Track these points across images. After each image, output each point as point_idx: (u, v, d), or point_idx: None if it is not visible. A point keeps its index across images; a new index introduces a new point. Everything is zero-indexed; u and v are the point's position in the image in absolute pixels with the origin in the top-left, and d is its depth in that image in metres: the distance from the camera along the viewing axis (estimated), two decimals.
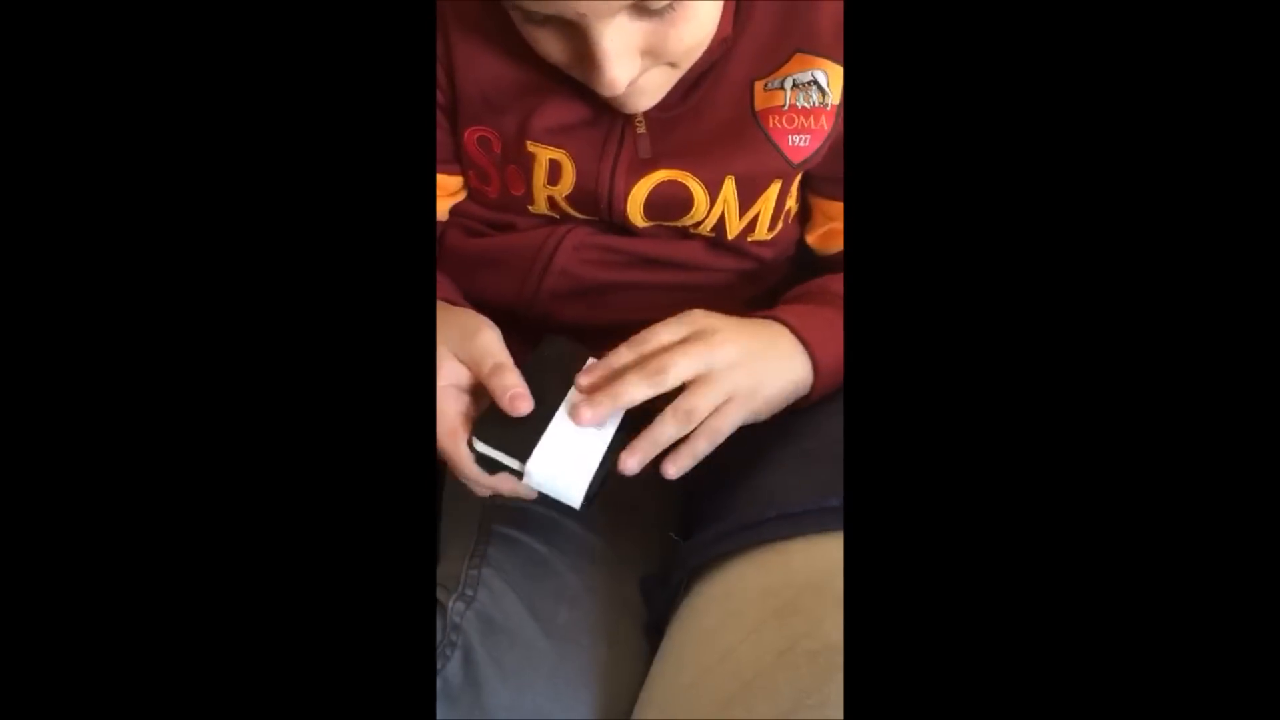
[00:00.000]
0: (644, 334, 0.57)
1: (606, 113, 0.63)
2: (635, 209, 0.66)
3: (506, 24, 0.58)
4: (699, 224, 0.67)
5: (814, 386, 0.60)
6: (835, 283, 0.67)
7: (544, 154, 0.65)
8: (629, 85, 0.55)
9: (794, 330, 0.60)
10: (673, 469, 0.56)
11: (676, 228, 0.68)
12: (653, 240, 0.69)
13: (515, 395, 0.54)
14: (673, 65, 0.58)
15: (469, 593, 0.58)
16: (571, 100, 0.63)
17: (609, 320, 0.65)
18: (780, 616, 0.47)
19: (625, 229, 0.68)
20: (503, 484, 0.56)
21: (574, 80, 0.59)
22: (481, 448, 0.55)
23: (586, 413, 0.55)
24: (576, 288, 0.70)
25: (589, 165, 0.65)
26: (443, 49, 0.64)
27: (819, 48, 0.62)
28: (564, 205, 0.67)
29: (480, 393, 0.57)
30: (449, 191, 0.71)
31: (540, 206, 0.68)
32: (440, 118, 0.66)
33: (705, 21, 0.56)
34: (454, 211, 0.72)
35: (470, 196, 0.71)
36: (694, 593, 0.54)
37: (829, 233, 0.73)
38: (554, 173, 0.66)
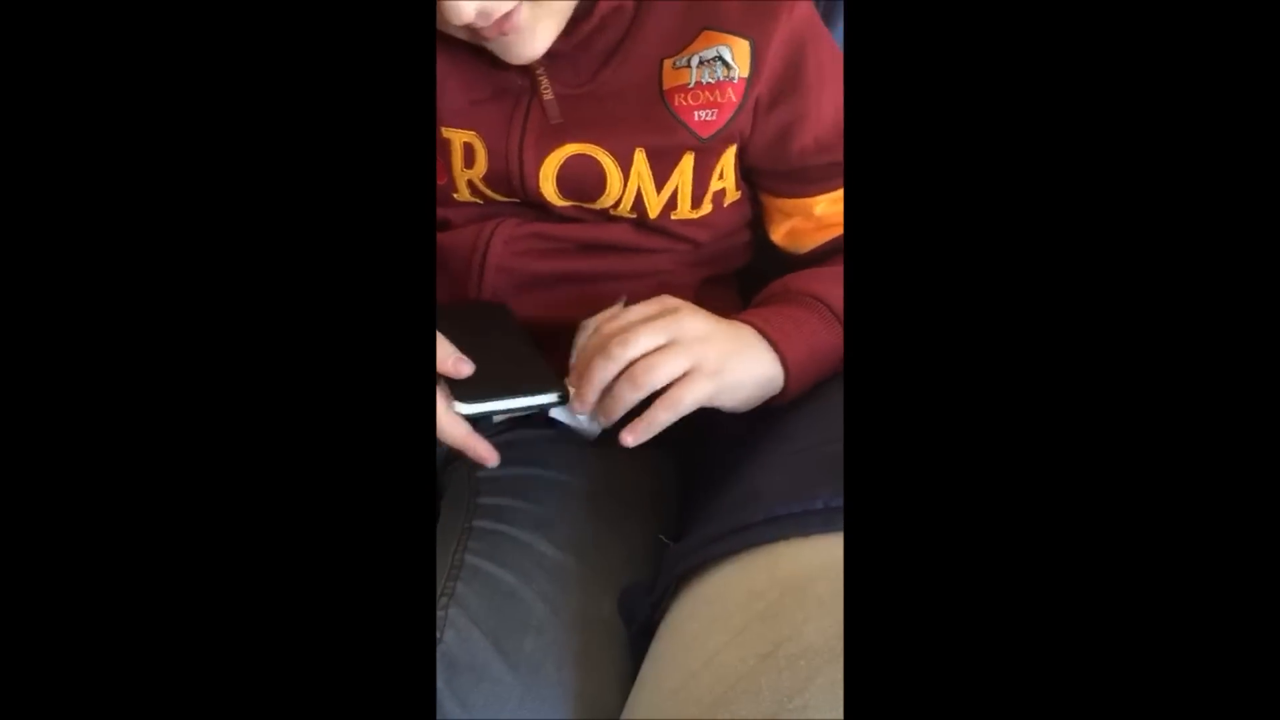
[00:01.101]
0: (610, 311, 0.60)
1: (511, 87, 0.66)
2: (548, 184, 0.67)
3: None
4: (617, 204, 0.68)
5: (786, 384, 0.61)
6: (798, 280, 0.67)
7: (457, 138, 0.67)
8: (511, 21, 0.57)
9: (759, 329, 0.61)
10: (630, 438, 0.59)
11: (597, 210, 0.69)
12: (579, 225, 0.70)
13: (456, 360, 0.58)
14: (541, 2, 0.59)
15: (435, 635, 0.58)
16: (475, 77, 0.65)
17: (562, 316, 0.67)
18: (764, 620, 0.46)
19: (547, 211, 0.69)
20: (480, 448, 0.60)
21: (478, 59, 0.63)
22: (467, 409, 0.59)
23: (576, 405, 0.59)
24: (517, 282, 0.70)
25: (498, 143, 0.66)
26: None
27: (725, 25, 0.64)
28: (482, 187, 0.69)
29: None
30: None
31: (464, 193, 0.69)
32: None
33: None
34: None
35: None
36: (681, 597, 0.54)
37: (792, 230, 0.73)
38: (468, 155, 0.67)
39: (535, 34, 0.60)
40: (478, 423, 0.61)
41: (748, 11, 0.65)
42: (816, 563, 0.47)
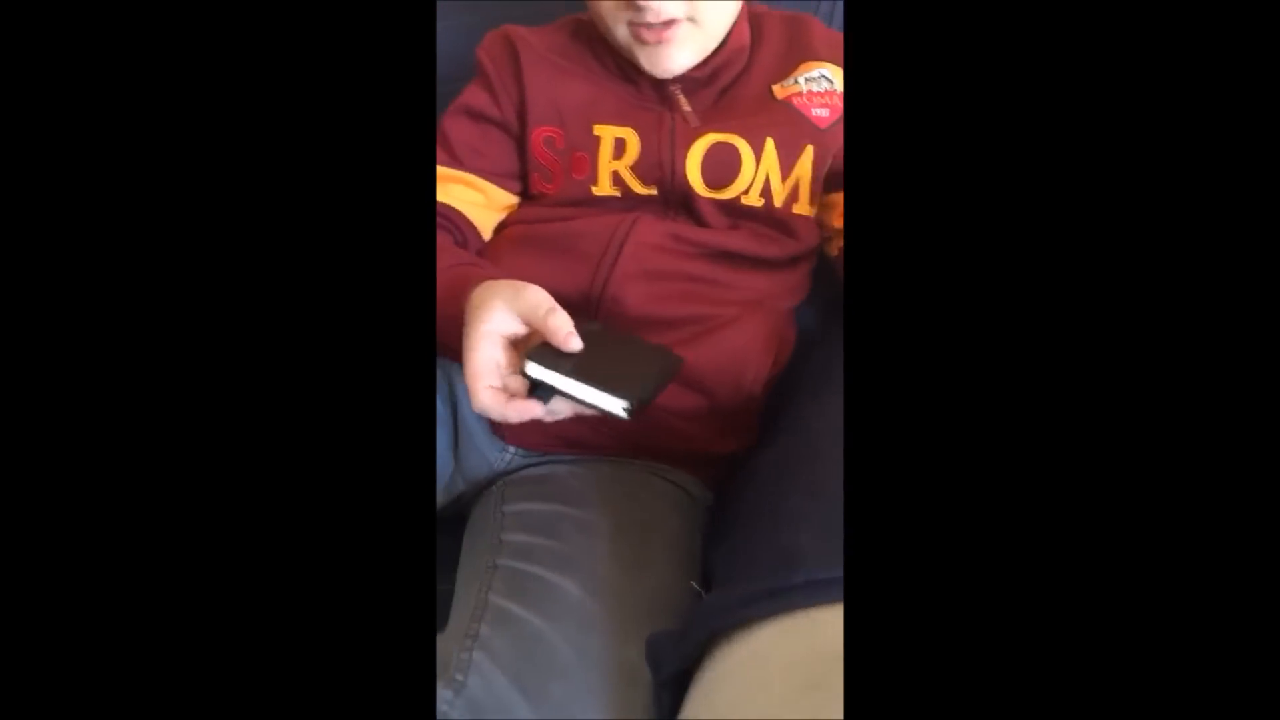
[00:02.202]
0: None
1: (655, 102, 0.78)
2: (694, 171, 0.77)
3: (572, 42, 0.80)
4: (748, 190, 0.77)
5: None
6: None
7: (609, 133, 0.77)
8: (670, 32, 0.72)
9: None
10: None
11: (730, 205, 0.77)
12: (710, 231, 0.77)
13: (569, 334, 0.60)
14: (699, 25, 0.73)
15: (459, 678, 0.58)
16: (628, 93, 0.79)
17: (676, 312, 0.73)
18: (807, 691, 0.45)
19: (687, 205, 0.77)
20: (529, 408, 0.60)
21: (627, 80, 0.78)
22: (534, 369, 0.60)
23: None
24: (645, 273, 0.74)
25: (650, 134, 0.77)
26: (511, 73, 0.79)
27: (821, 55, 0.80)
28: (628, 176, 0.77)
29: (516, 347, 0.62)
30: (501, 205, 0.81)
31: (604, 185, 0.78)
32: (499, 135, 0.80)
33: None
34: (507, 221, 0.81)
35: (527, 201, 0.81)
36: (716, 656, 0.53)
37: None
38: (618, 147, 0.77)
39: (682, 50, 0.74)
40: (535, 391, 0.61)
41: (834, 45, 0.80)
42: None
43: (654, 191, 0.78)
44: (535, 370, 0.60)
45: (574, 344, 0.60)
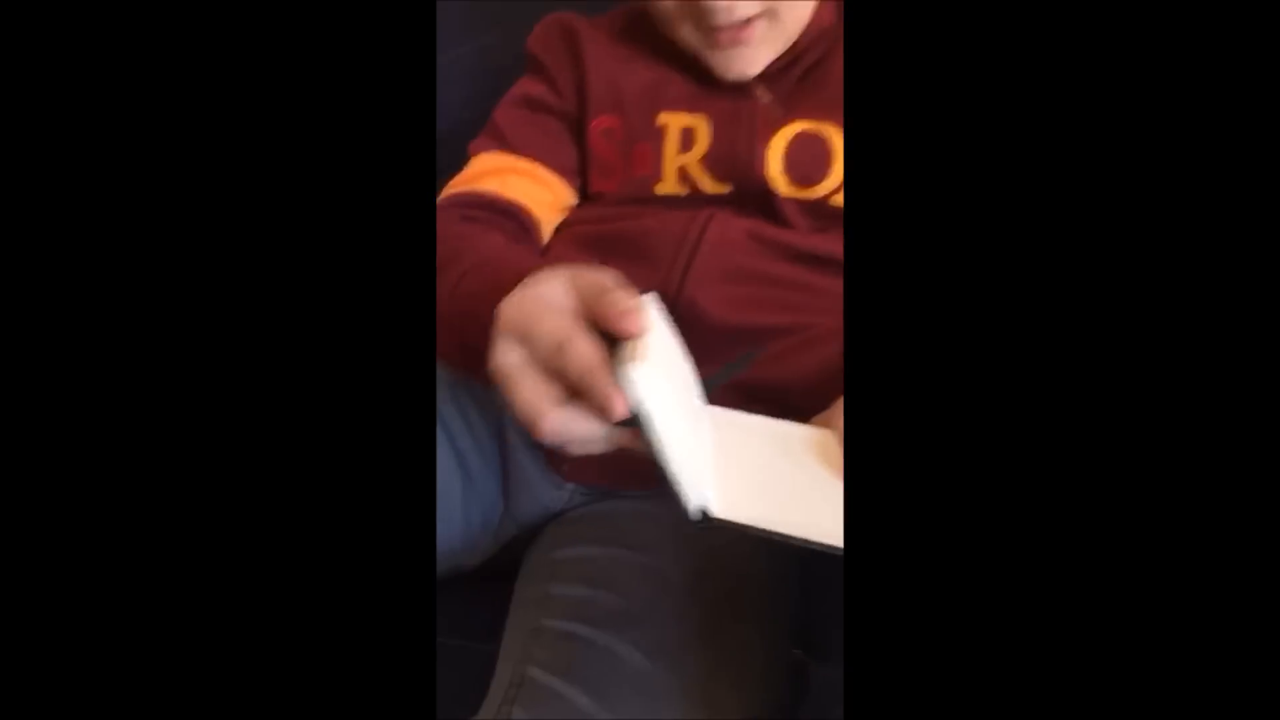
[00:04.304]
0: None
1: (729, 91, 0.66)
2: (776, 166, 0.64)
3: (631, 30, 0.69)
4: (838, 189, 0.64)
5: None
6: None
7: (676, 121, 0.66)
8: (746, 32, 0.62)
9: None
10: None
11: (817, 205, 0.64)
12: (792, 231, 0.64)
13: (626, 311, 0.40)
14: (778, 20, 0.63)
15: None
16: (696, 80, 0.67)
17: (758, 321, 0.60)
18: None
19: (765, 206, 0.64)
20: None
21: (695, 69, 0.66)
22: (639, 394, 0.39)
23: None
24: (726, 273, 0.62)
25: (725, 124, 0.65)
26: (570, 57, 0.70)
27: None
28: (697, 172, 0.66)
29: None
30: (563, 204, 0.70)
31: (669, 182, 0.66)
32: (558, 125, 0.70)
33: None
34: (564, 222, 0.70)
35: (585, 200, 0.70)
36: None
37: None
38: (687, 139, 0.66)
39: (760, 51, 0.64)
40: (630, 422, 0.40)
41: None
42: None
43: (727, 189, 0.65)
44: (638, 395, 0.39)
45: (632, 325, 0.40)
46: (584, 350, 0.40)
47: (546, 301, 0.43)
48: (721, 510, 0.41)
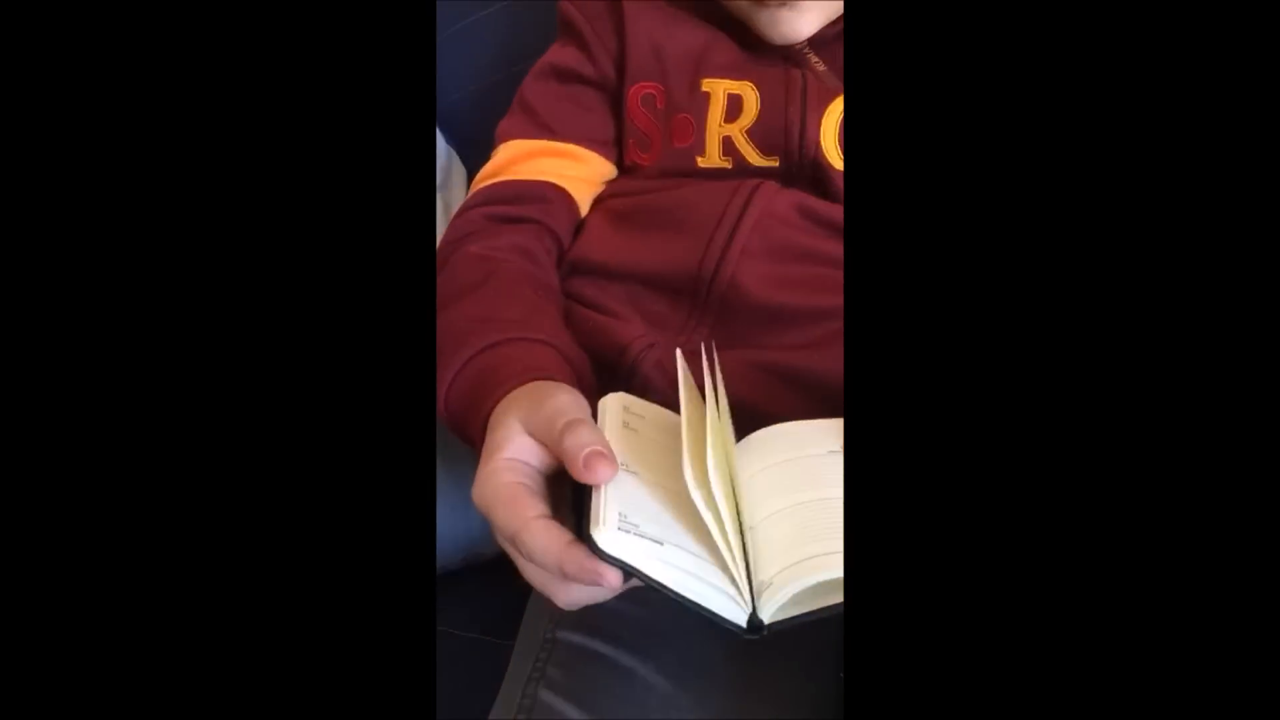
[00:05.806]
0: None
1: (780, 58, 0.62)
2: (830, 139, 0.60)
3: None
4: None
5: None
6: None
7: (721, 88, 0.62)
8: None
9: None
10: None
11: None
12: (840, 207, 0.60)
13: (591, 454, 0.40)
14: None
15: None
16: (745, 45, 0.63)
17: (800, 302, 0.57)
18: None
19: (817, 182, 0.61)
20: (601, 572, 0.39)
21: (743, 34, 0.62)
22: (612, 544, 0.38)
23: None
24: (770, 249, 0.59)
25: (775, 92, 0.61)
26: (608, 18, 0.65)
27: None
28: (742, 143, 0.62)
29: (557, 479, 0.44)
30: (602, 177, 0.67)
31: (711, 154, 0.62)
32: (593, 96, 0.66)
33: None
34: (601, 195, 0.67)
35: (623, 173, 0.67)
36: None
37: None
38: (733, 108, 0.62)
39: (810, 14, 0.59)
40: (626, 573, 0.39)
41: None
42: None
43: (775, 163, 0.61)
44: (610, 551, 0.37)
45: (600, 471, 0.39)
46: (540, 541, 0.39)
47: (498, 480, 0.42)
48: (773, 602, 0.38)
